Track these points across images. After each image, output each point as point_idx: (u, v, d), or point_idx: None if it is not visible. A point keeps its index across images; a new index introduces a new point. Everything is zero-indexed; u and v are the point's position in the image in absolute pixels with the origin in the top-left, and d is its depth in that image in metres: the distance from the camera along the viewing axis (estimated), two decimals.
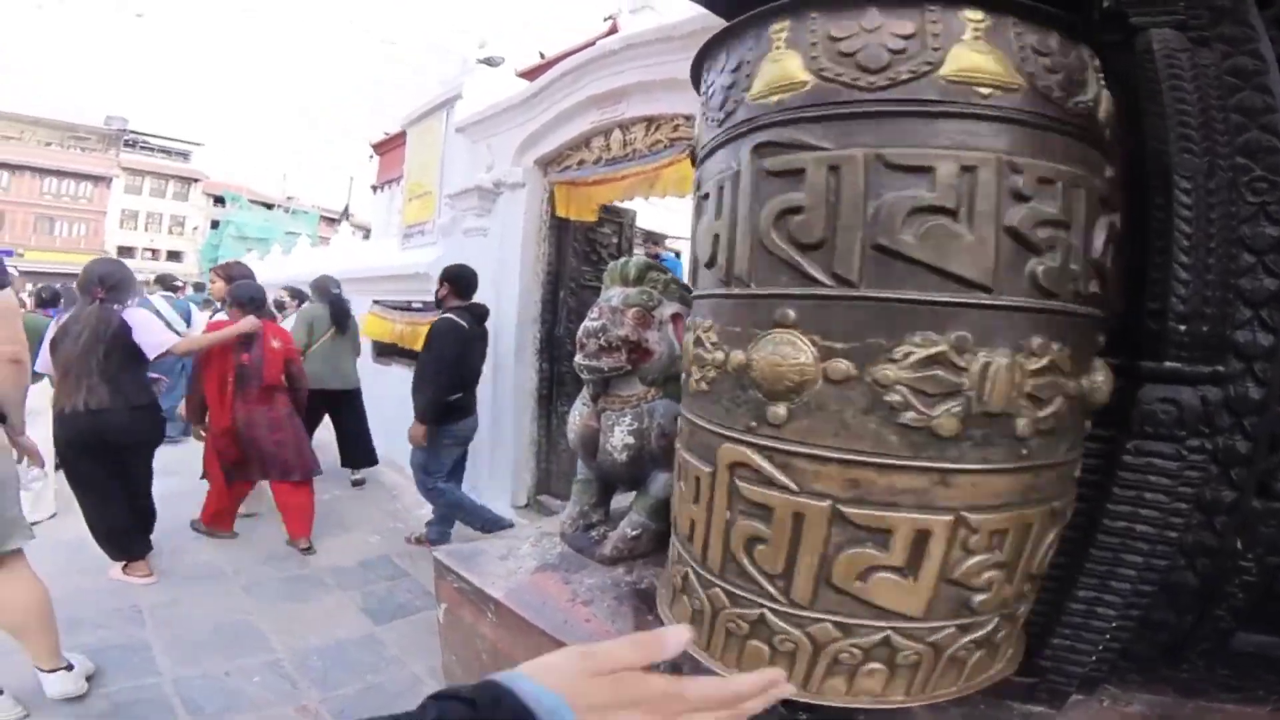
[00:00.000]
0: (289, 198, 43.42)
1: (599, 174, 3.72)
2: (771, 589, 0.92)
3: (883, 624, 0.88)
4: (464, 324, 3.49)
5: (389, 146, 15.83)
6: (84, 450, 2.79)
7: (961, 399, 0.82)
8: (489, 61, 5.47)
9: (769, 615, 0.93)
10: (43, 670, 2.13)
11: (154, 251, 36.25)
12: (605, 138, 3.72)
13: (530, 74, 7.83)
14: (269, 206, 38.86)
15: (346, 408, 4.79)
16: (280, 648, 2.59)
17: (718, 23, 2.79)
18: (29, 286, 8.09)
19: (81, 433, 2.75)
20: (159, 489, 3.25)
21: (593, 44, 9.94)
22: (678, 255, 7.37)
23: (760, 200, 0.91)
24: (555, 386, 4.22)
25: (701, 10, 2.96)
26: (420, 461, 3.52)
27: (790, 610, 0.92)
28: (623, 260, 1.70)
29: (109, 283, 2.93)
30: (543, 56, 11.03)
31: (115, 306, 2.92)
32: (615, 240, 4.55)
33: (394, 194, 14.93)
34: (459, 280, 3.62)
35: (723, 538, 0.97)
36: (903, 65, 0.82)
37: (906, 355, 0.81)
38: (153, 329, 3.06)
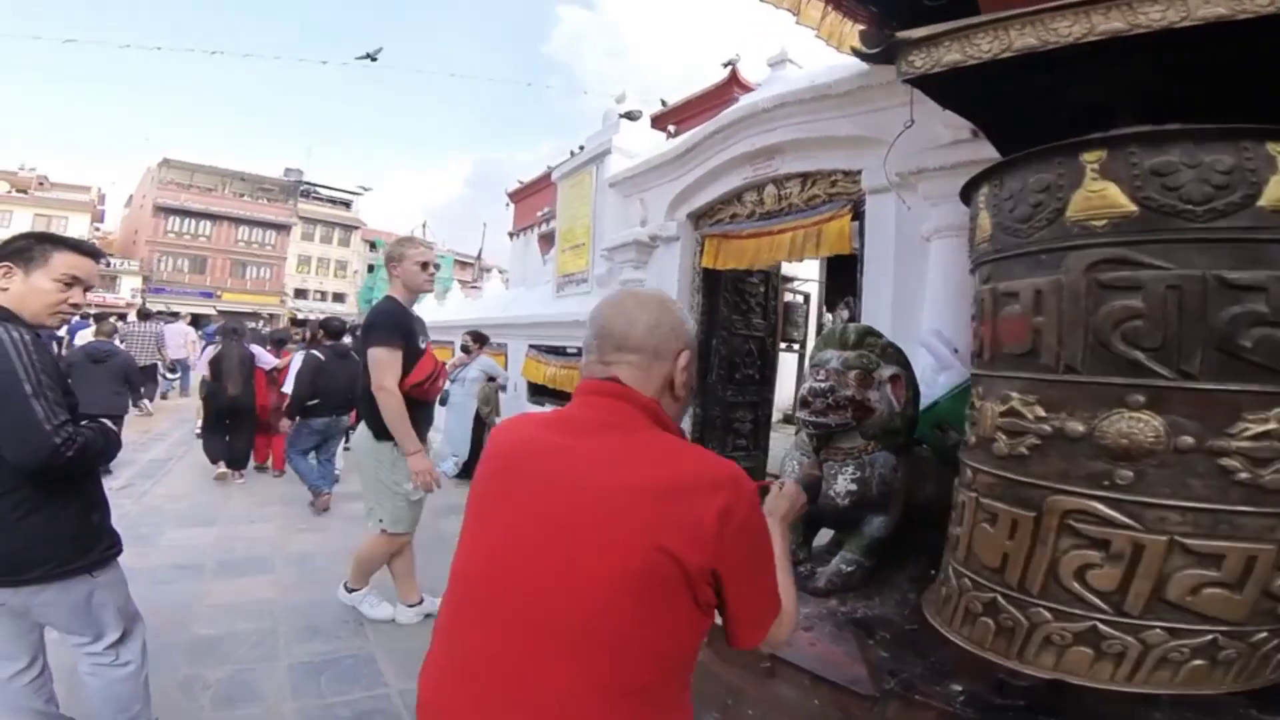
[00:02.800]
0: (429, 243, 47.50)
1: (753, 228, 3.88)
2: (1104, 605, 1.21)
3: (1209, 628, 1.16)
4: (322, 356, 5.20)
5: (524, 195, 17.02)
6: None
7: None
8: (629, 115, 5.83)
9: (1100, 626, 1.21)
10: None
11: (322, 293, 40.88)
12: (758, 192, 3.88)
13: (658, 121, 8.18)
14: None
15: None
16: None
17: (877, 81, 2.94)
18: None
19: None
20: None
21: (724, 92, 10.18)
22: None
23: (1093, 307, 1.18)
24: (705, 430, 4.38)
25: (856, 67, 3.09)
26: (289, 440, 5.28)
27: (1122, 620, 1.20)
28: (840, 326, 1.87)
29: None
30: (664, 104, 11.51)
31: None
32: (763, 289, 4.69)
33: (529, 240, 15.98)
34: (327, 326, 5.75)
35: (1047, 566, 1.26)
36: (1225, 197, 1.04)
37: (1242, 430, 1.10)
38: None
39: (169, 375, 11.27)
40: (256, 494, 5.58)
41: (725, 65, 9.80)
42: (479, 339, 6.31)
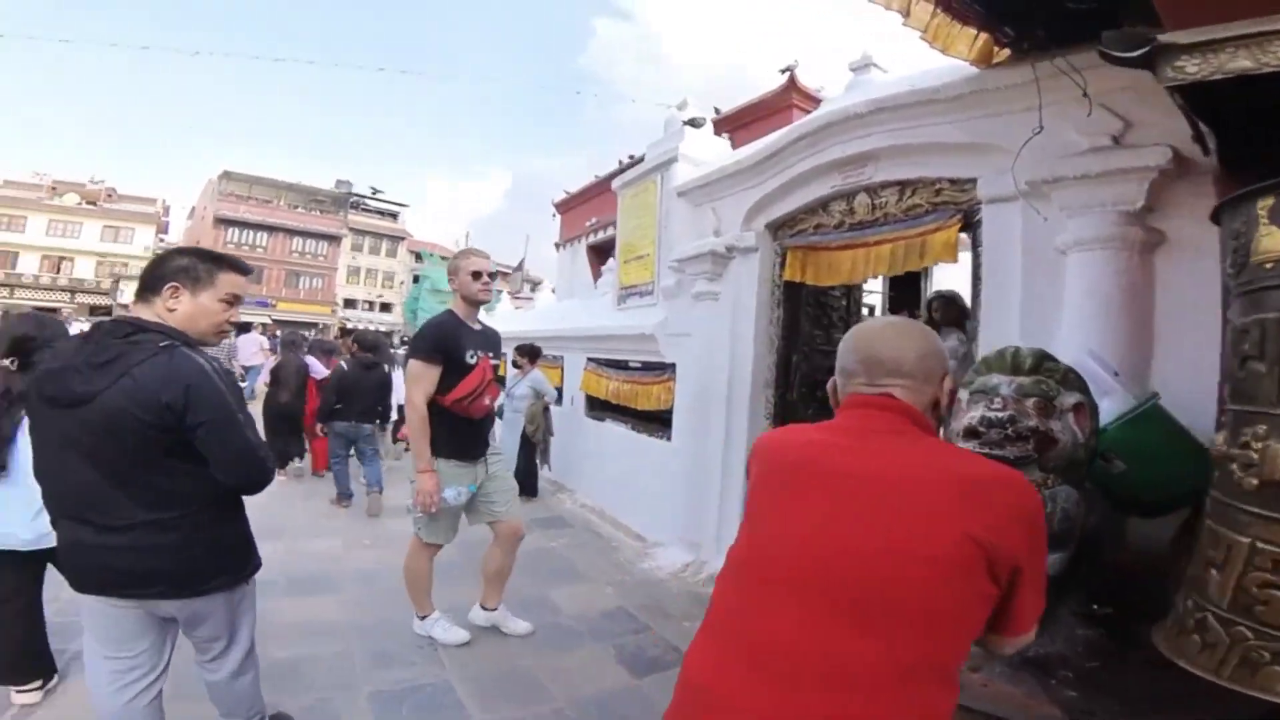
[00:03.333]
0: None
1: (844, 239, 3.66)
2: None
3: None
4: (346, 367, 5.76)
5: (571, 205, 17.05)
6: None
7: None
8: (693, 122, 5.69)
9: None
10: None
11: (370, 303, 41.86)
12: (847, 201, 3.67)
13: (714, 129, 8.05)
14: None
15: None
16: (560, 696, 2.72)
17: (993, 85, 2.73)
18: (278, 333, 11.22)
19: None
20: None
21: (782, 99, 9.97)
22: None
23: None
24: None
25: (963, 71, 2.88)
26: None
27: None
28: (1012, 349, 1.67)
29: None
30: (718, 112, 11.36)
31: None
32: (844, 303, 4.47)
33: (577, 251, 16.05)
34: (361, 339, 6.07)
35: None
36: None
37: None
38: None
39: (241, 385, 11.82)
40: (319, 505, 5.60)
41: (783, 71, 9.61)
42: (530, 354, 6.21)
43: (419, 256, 42.72)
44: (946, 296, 4.36)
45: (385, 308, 41.89)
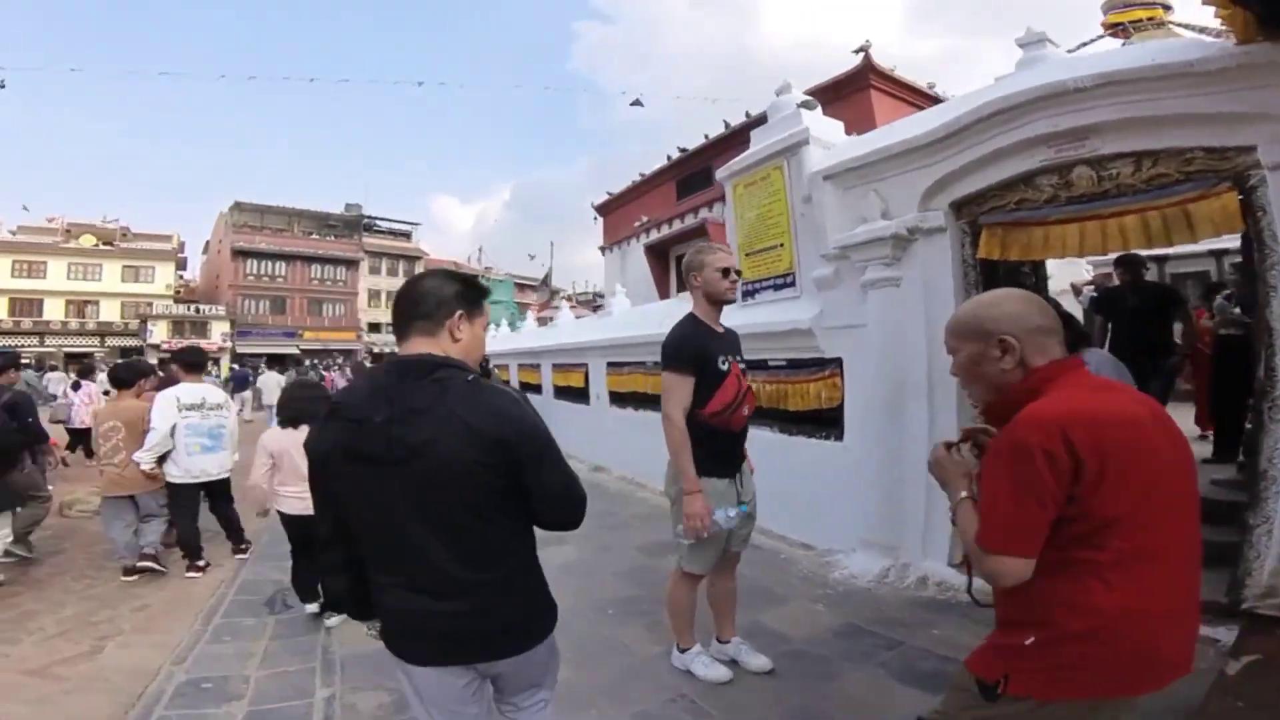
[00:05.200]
0: (486, 268, 48.31)
1: (1064, 213, 3.40)
2: None
3: None
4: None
5: (615, 206, 16.87)
6: None
7: None
8: (807, 105, 5.41)
9: None
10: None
11: None
12: (1060, 175, 3.44)
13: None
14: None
15: None
16: None
17: (1259, 61, 2.59)
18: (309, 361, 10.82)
19: None
20: None
21: (859, 79, 9.73)
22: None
23: None
24: None
25: (1218, 45, 2.78)
26: None
27: None
28: None
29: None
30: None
31: None
32: (1033, 280, 4.18)
33: (628, 252, 15.86)
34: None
35: None
36: None
37: None
38: None
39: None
40: None
41: (856, 52, 9.38)
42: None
43: None
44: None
45: None
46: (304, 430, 3.80)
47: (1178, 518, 1.23)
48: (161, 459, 4.24)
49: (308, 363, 27.54)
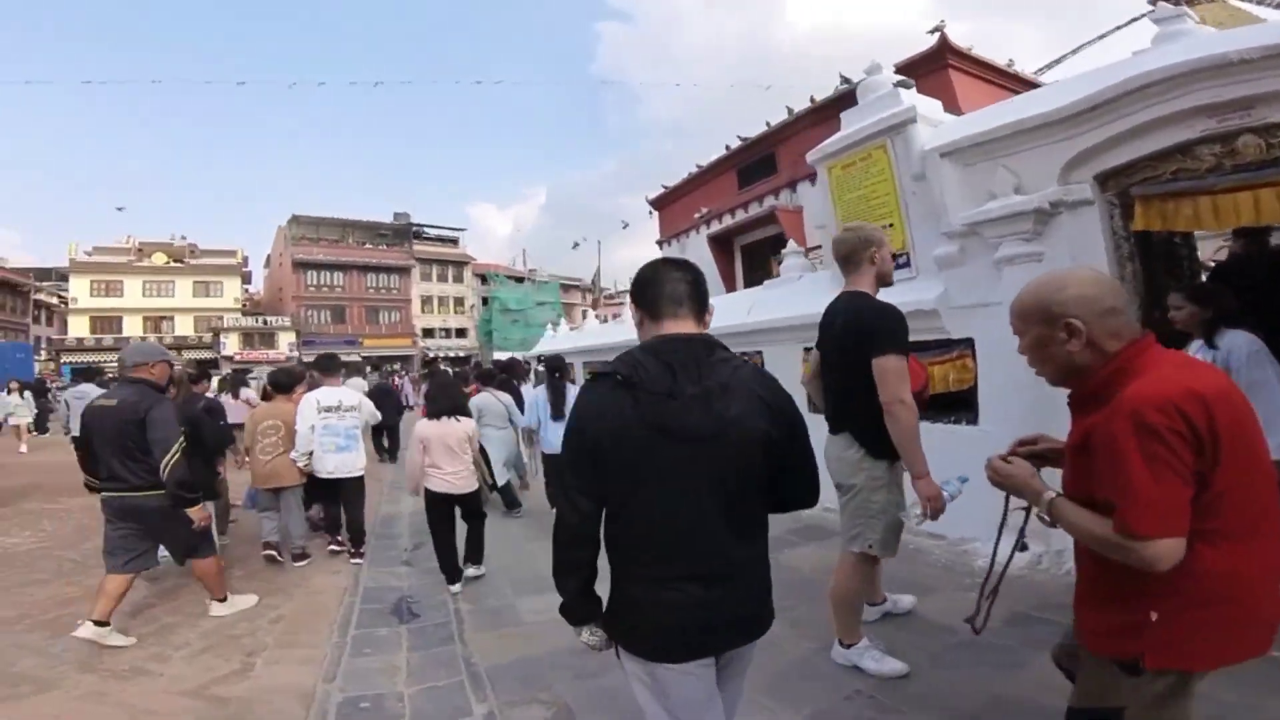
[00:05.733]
0: (531, 270, 48.83)
1: (1233, 181, 3.23)
2: None
3: None
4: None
5: (672, 199, 16.73)
6: None
7: None
8: (904, 84, 5.28)
9: None
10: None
11: (447, 330, 42.67)
12: (1223, 144, 3.29)
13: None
14: (519, 280, 43.92)
15: None
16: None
17: None
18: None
19: None
20: None
21: (937, 57, 9.42)
22: None
23: None
24: None
25: None
26: None
27: None
28: None
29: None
30: (847, 81, 10.90)
31: None
32: (1186, 252, 3.97)
33: (689, 244, 15.71)
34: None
35: None
36: None
37: None
38: None
39: None
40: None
41: (932, 32, 9.13)
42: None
43: (484, 279, 43.43)
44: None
45: (460, 333, 42.65)
46: (453, 421, 3.96)
47: (1269, 485, 1.26)
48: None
49: (385, 367, 28.57)
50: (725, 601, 1.38)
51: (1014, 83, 9.98)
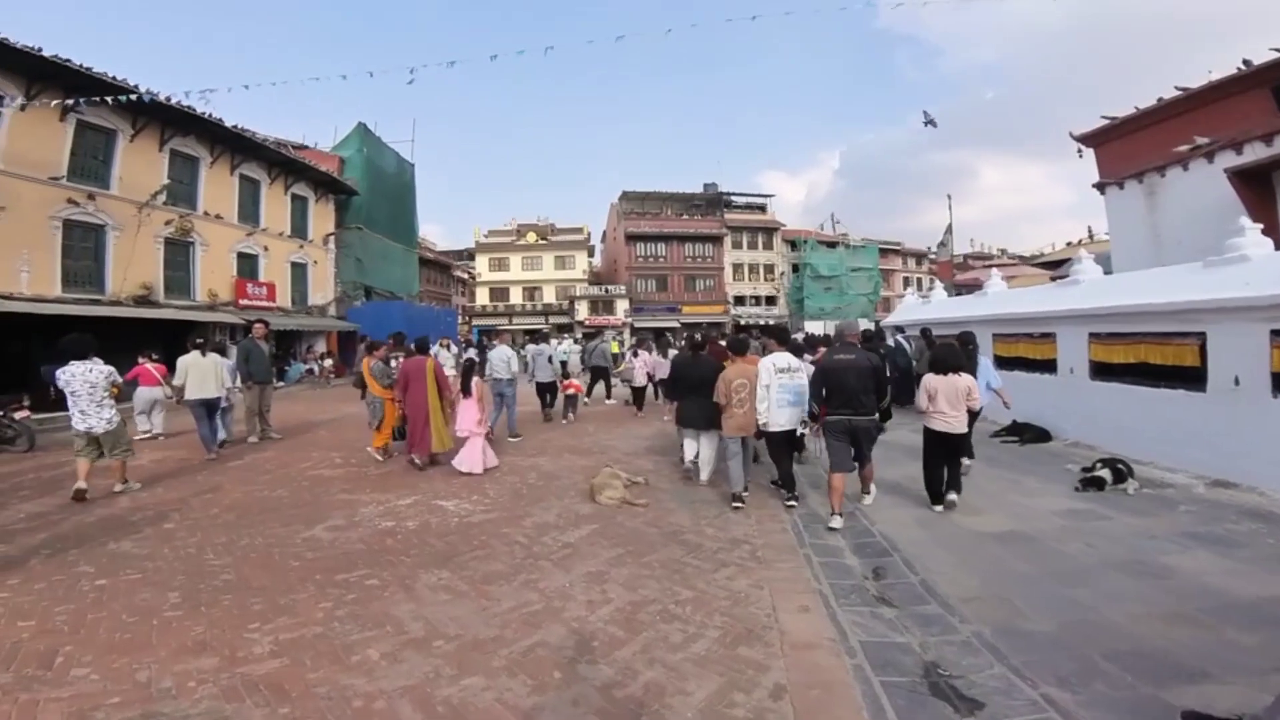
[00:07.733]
0: (843, 234, 47.31)
1: None
2: None
3: None
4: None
5: (1119, 133, 14.66)
6: None
7: None
8: None
9: None
10: None
11: (756, 298, 44.19)
12: None
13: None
14: (832, 245, 43.00)
15: None
16: None
17: None
18: (693, 336, 11.43)
19: None
20: None
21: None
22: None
23: None
24: None
25: None
26: None
27: None
28: None
29: None
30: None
31: None
32: None
33: (1153, 186, 13.65)
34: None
35: None
36: None
37: None
38: None
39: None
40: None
41: None
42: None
43: (794, 245, 43.60)
44: None
45: (770, 300, 43.82)
46: (956, 377, 5.33)
47: None
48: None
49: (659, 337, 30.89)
50: None
51: None
